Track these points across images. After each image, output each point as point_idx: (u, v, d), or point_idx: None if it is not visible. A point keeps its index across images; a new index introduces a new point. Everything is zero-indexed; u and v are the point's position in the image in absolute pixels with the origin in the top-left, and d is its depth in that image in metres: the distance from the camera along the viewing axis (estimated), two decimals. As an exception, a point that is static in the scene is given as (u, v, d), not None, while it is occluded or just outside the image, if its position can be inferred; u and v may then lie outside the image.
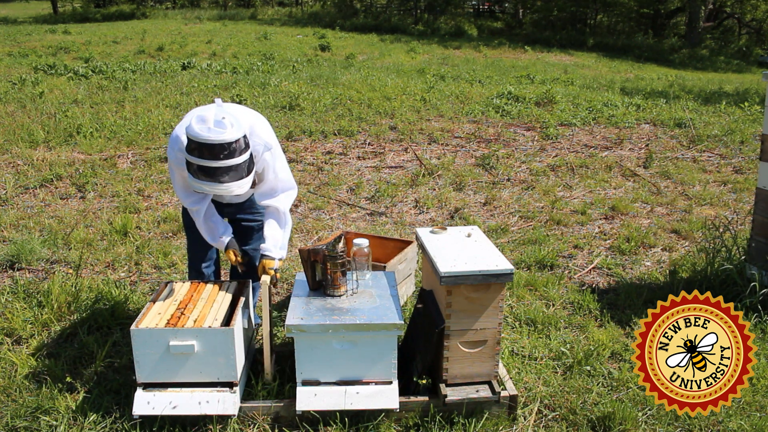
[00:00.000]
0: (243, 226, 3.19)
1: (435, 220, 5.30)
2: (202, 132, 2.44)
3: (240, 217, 3.17)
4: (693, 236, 4.96)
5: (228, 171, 2.49)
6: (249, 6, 31.77)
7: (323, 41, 17.35)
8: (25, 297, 3.75)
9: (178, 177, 2.80)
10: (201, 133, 2.44)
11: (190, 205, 2.88)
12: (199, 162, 2.48)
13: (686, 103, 9.82)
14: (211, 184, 2.51)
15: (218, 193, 2.60)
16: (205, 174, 2.49)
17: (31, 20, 24.59)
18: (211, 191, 2.57)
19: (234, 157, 2.49)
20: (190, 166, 2.53)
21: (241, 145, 2.51)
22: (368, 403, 2.60)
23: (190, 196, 2.86)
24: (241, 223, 3.18)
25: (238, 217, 3.17)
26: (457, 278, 2.51)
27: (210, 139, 2.43)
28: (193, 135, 2.45)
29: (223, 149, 2.46)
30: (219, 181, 2.50)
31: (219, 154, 2.45)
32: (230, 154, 2.47)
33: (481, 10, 31.86)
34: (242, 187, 2.58)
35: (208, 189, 2.55)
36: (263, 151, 2.77)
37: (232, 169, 2.50)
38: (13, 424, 2.64)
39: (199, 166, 2.48)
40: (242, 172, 2.55)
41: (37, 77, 10.43)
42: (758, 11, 25.88)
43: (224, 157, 2.46)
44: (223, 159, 2.46)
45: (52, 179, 5.83)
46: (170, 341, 2.55)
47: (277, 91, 9.46)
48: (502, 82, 11.35)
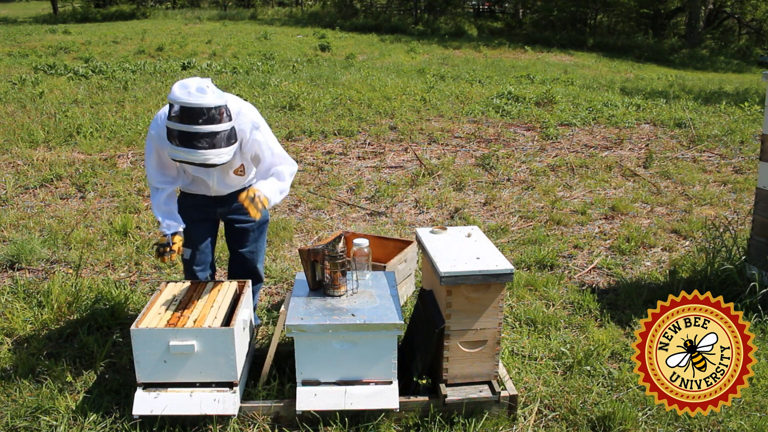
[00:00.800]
0: (237, 228, 3.16)
1: (435, 220, 5.30)
2: (183, 96, 2.48)
3: (233, 218, 3.13)
4: (693, 236, 4.97)
5: (206, 137, 2.51)
6: (249, 6, 31.77)
7: (323, 41, 17.35)
8: (25, 297, 3.75)
9: (154, 155, 2.83)
10: (181, 96, 2.48)
11: (157, 184, 2.89)
12: (178, 127, 2.50)
13: (686, 103, 9.82)
14: (189, 151, 2.52)
15: (196, 162, 2.57)
16: (184, 140, 2.51)
17: (31, 20, 24.58)
18: (189, 158, 2.55)
19: (213, 123, 2.52)
20: (170, 134, 2.55)
21: (221, 114, 2.55)
22: (368, 403, 2.60)
23: (160, 176, 2.88)
24: (235, 225, 3.15)
25: (231, 218, 3.14)
26: (457, 278, 2.51)
27: (190, 102, 2.47)
28: (173, 99, 2.49)
29: (202, 114, 2.49)
30: (196, 147, 2.51)
31: (198, 119, 2.49)
32: (209, 119, 2.51)
33: (481, 10, 31.87)
34: (220, 157, 2.58)
35: (185, 156, 2.54)
36: (251, 130, 2.79)
37: (210, 136, 2.52)
38: (13, 424, 2.64)
39: (179, 131, 2.50)
40: (221, 142, 2.56)
41: (37, 77, 10.43)
42: (758, 11, 25.87)
43: (203, 122, 2.50)
44: (201, 124, 2.49)
45: (52, 179, 5.83)
46: (170, 341, 2.55)
47: (277, 91, 9.46)
48: (502, 82, 11.35)
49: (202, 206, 3.08)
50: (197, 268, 3.15)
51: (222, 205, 3.10)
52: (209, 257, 3.21)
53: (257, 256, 3.27)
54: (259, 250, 3.27)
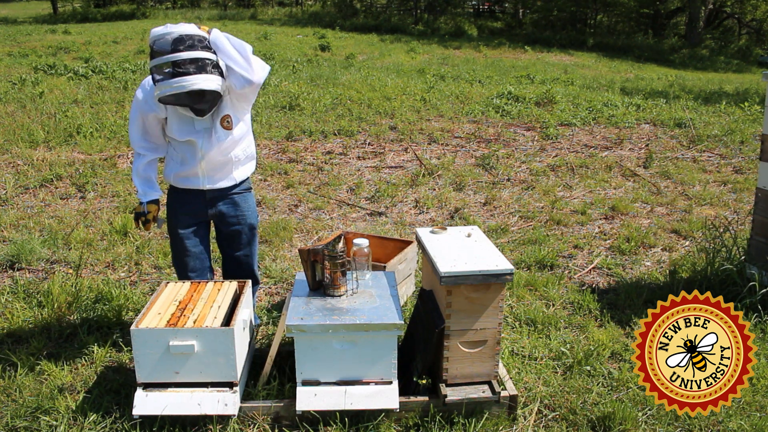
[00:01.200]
0: (228, 231, 3.12)
1: (435, 220, 5.30)
2: (160, 30, 2.62)
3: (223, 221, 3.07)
4: (693, 236, 4.97)
5: (192, 63, 2.57)
6: (249, 6, 31.76)
7: (323, 41, 17.34)
8: (25, 297, 3.75)
9: (139, 119, 2.86)
10: (159, 31, 2.61)
11: (139, 149, 2.90)
12: (160, 60, 2.57)
13: (686, 103, 9.82)
14: (177, 80, 2.56)
15: (185, 89, 2.57)
16: (170, 71, 2.56)
17: (31, 20, 24.57)
18: (177, 86, 2.57)
19: (195, 49, 2.59)
20: (156, 73, 2.60)
21: (201, 42, 2.62)
22: (368, 403, 2.60)
23: (143, 141, 2.90)
24: (226, 229, 3.11)
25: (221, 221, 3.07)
26: (457, 278, 2.51)
27: (170, 31, 2.59)
28: (153, 36, 2.64)
29: (183, 41, 2.58)
30: (183, 74, 2.55)
31: (179, 46, 2.58)
32: (191, 46, 2.59)
33: (481, 10, 31.85)
34: (209, 82, 2.60)
35: (174, 87, 2.57)
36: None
37: (195, 62, 2.58)
38: (13, 424, 2.64)
39: (165, 62, 2.56)
40: (207, 67, 2.61)
41: (37, 77, 10.43)
42: (758, 11, 25.86)
43: (185, 48, 2.58)
44: (184, 50, 2.57)
45: (52, 179, 5.83)
46: (170, 341, 2.55)
47: (277, 91, 9.46)
48: (502, 82, 11.35)
49: (192, 208, 3.03)
50: (193, 275, 3.13)
51: (212, 206, 3.05)
52: (206, 262, 3.19)
53: (251, 259, 3.24)
54: (252, 253, 3.24)
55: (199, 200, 3.02)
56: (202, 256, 3.15)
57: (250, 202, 3.15)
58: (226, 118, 2.88)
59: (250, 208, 3.15)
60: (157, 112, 2.83)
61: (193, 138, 2.86)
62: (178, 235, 3.07)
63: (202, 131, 2.86)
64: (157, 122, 2.89)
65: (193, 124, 2.85)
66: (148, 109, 2.81)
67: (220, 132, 2.88)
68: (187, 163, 2.92)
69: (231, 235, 3.15)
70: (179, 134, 2.86)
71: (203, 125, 2.86)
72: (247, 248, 3.21)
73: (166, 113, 2.84)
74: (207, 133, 2.87)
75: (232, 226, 3.12)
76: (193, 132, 2.86)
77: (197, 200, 3.02)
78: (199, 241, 3.12)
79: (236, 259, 3.21)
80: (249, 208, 3.14)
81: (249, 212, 3.15)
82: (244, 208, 3.11)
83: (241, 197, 3.10)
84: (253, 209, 3.18)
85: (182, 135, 2.86)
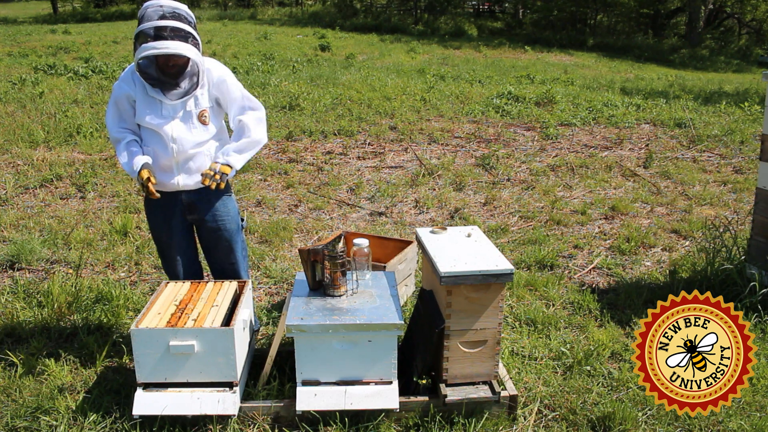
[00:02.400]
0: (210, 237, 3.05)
1: (435, 220, 5.30)
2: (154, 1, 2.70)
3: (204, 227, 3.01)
4: (693, 236, 4.97)
5: (174, 31, 2.67)
6: (249, 6, 31.75)
7: (323, 41, 17.34)
8: (25, 297, 3.75)
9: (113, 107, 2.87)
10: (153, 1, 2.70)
11: (117, 133, 2.87)
12: (144, 26, 2.66)
13: (686, 103, 9.82)
14: (157, 43, 2.63)
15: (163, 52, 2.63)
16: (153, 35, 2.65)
17: (31, 20, 24.58)
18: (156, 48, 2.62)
19: (180, 21, 2.69)
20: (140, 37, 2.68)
21: (186, 19, 2.73)
22: (368, 403, 2.60)
23: (119, 124, 2.88)
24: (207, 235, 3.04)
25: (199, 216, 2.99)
26: (457, 278, 2.51)
27: (161, 4, 2.69)
28: (145, 6, 2.70)
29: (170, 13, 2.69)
30: (164, 38, 2.64)
31: (167, 16, 2.68)
32: (177, 17, 2.70)
33: (481, 10, 31.85)
34: (188, 50, 2.67)
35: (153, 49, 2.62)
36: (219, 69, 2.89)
37: (177, 31, 2.67)
38: (13, 424, 2.64)
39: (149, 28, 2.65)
40: (187, 39, 2.70)
41: (37, 77, 10.42)
42: (758, 11, 25.85)
43: (170, 17, 2.68)
44: (169, 19, 2.67)
45: (52, 179, 5.83)
46: (170, 341, 2.55)
47: (277, 91, 9.46)
48: (502, 82, 11.34)
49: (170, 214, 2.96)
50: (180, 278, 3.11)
51: (190, 212, 2.99)
52: (193, 266, 3.15)
53: (237, 266, 3.16)
54: (237, 260, 3.15)
55: (177, 205, 2.96)
56: (190, 259, 3.12)
57: (230, 207, 3.04)
58: (204, 113, 2.86)
59: (230, 213, 3.04)
60: (129, 91, 2.80)
61: (160, 123, 2.79)
62: (160, 242, 3.05)
63: (169, 117, 2.80)
64: (130, 106, 2.84)
65: (161, 108, 2.79)
66: (120, 91, 2.81)
67: (195, 125, 2.85)
68: (159, 155, 2.84)
69: (212, 242, 3.08)
70: (143, 117, 2.80)
71: (171, 112, 2.80)
72: (231, 255, 3.12)
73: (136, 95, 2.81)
74: (176, 121, 2.81)
75: (213, 233, 3.04)
76: (159, 116, 2.79)
77: (175, 206, 2.96)
78: (184, 246, 3.08)
79: (221, 266, 3.15)
80: (229, 213, 3.04)
81: (228, 218, 3.04)
82: (223, 213, 3.01)
83: (220, 203, 3.00)
84: (233, 215, 3.07)
85: (146, 118, 2.80)
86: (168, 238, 3.03)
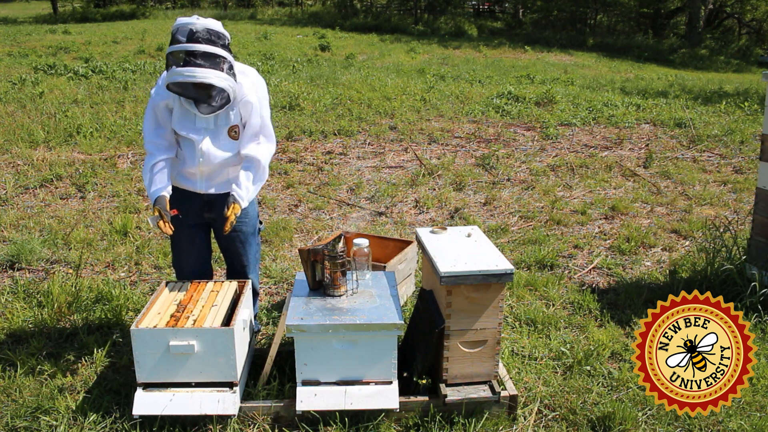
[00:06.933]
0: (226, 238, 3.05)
1: (435, 220, 5.30)
2: (185, 20, 2.66)
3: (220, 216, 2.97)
4: (693, 236, 4.96)
5: (206, 57, 2.60)
6: (249, 6, 31.74)
7: (323, 41, 17.33)
8: (25, 297, 3.75)
9: (151, 114, 2.85)
10: (186, 19, 2.66)
11: (151, 146, 2.86)
12: (176, 48, 2.61)
13: (686, 103, 9.82)
14: (189, 69, 2.58)
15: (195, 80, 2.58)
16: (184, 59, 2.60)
17: (31, 20, 24.56)
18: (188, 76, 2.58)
19: (214, 45, 2.63)
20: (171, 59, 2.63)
21: (222, 40, 2.67)
22: (368, 403, 2.60)
23: (155, 136, 2.86)
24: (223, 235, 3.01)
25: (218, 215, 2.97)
26: (457, 278, 2.51)
27: (193, 22, 2.64)
28: (177, 24, 2.65)
29: (202, 34, 2.62)
30: (195, 65, 2.58)
31: (199, 38, 2.62)
32: (209, 41, 2.63)
33: (481, 10, 31.85)
34: (219, 79, 2.62)
35: (184, 75, 2.58)
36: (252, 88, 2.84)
37: (210, 57, 2.61)
38: (13, 424, 2.64)
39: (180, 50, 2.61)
40: (221, 65, 2.64)
41: (37, 77, 10.42)
42: (758, 11, 25.86)
43: (203, 41, 2.62)
44: (202, 43, 2.61)
45: (52, 179, 5.83)
46: (170, 341, 2.55)
47: (277, 91, 9.46)
48: (502, 82, 11.34)
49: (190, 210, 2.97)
50: (191, 276, 3.11)
51: (209, 210, 3.00)
52: (205, 264, 3.17)
53: (248, 268, 3.17)
54: (249, 263, 3.17)
55: (196, 202, 2.99)
56: (201, 257, 3.13)
57: (249, 210, 3.05)
58: (234, 128, 2.87)
59: (248, 215, 3.05)
60: (167, 99, 2.81)
61: (193, 136, 2.83)
62: (176, 236, 3.04)
63: (202, 130, 2.83)
64: (168, 113, 2.84)
65: (195, 121, 2.82)
66: (159, 98, 2.79)
67: (225, 139, 2.86)
68: (187, 162, 2.89)
69: (226, 241, 3.09)
70: (178, 127, 2.83)
71: (204, 125, 2.83)
72: (243, 258, 3.13)
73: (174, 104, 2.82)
74: (208, 134, 2.84)
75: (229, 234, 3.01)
76: (193, 129, 2.83)
77: (194, 202, 2.98)
78: (198, 243, 3.09)
79: (233, 266, 3.18)
80: (247, 215, 3.05)
81: (246, 220, 3.05)
82: (241, 215, 3.00)
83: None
84: (252, 218, 3.09)
85: (181, 128, 2.83)
86: (180, 229, 3.01)
